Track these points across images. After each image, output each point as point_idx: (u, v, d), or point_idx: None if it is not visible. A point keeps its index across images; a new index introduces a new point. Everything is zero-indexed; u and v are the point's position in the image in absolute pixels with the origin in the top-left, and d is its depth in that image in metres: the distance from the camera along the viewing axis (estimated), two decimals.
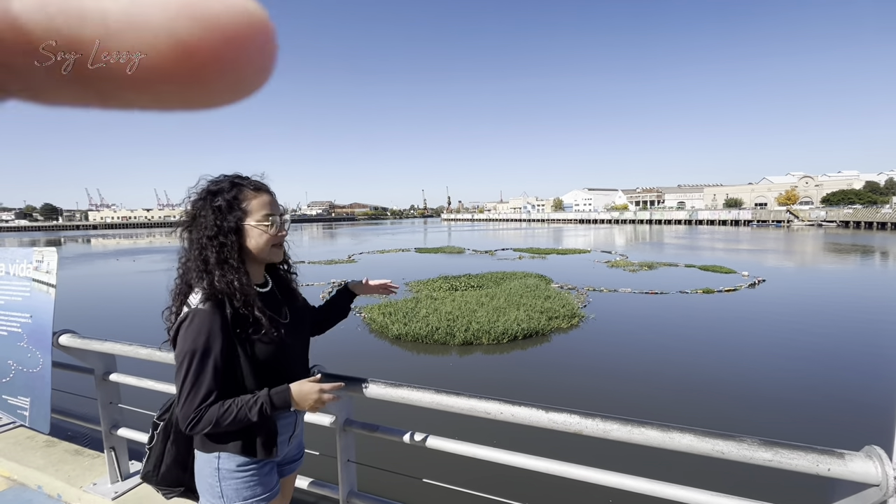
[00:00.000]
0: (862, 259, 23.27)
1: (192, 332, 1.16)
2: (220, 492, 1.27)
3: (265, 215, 1.25)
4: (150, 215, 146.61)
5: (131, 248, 40.05)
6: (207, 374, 1.16)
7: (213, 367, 1.16)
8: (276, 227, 1.28)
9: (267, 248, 1.28)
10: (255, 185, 1.28)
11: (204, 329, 1.16)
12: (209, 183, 1.26)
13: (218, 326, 1.17)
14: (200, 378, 1.15)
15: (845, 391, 6.43)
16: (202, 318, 1.16)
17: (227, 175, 1.28)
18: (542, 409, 1.35)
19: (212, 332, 1.16)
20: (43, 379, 2.37)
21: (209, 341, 1.16)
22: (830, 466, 1.06)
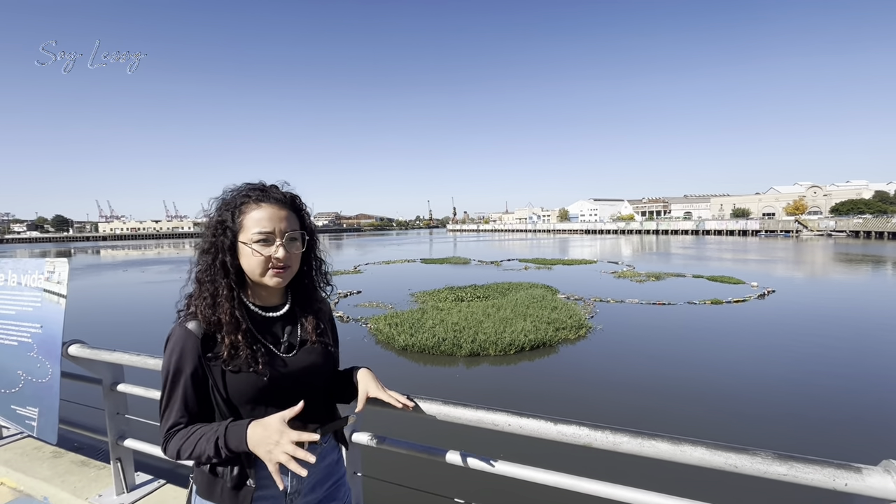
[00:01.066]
0: (874, 269, 22.95)
1: (168, 349, 1.09)
2: None
3: (259, 232, 1.10)
4: (158, 226, 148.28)
5: (140, 259, 40.43)
6: (176, 398, 1.08)
7: (183, 390, 1.07)
8: (274, 248, 1.11)
9: (259, 270, 1.12)
10: (258, 195, 1.14)
11: (177, 349, 1.08)
12: (226, 192, 1.18)
13: (190, 347, 1.08)
14: (171, 401, 1.08)
15: (860, 404, 6.29)
16: (176, 336, 1.09)
17: (249, 183, 1.18)
18: (551, 421, 1.33)
19: (183, 353, 1.07)
20: (51, 389, 2.38)
21: (180, 363, 1.07)
22: (847, 481, 1.03)
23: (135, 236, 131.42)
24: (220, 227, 1.12)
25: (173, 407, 1.08)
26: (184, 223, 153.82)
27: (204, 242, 1.14)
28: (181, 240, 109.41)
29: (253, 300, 1.18)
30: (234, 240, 1.12)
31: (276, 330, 1.19)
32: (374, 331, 10.17)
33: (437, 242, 63.27)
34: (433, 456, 1.60)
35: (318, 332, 1.24)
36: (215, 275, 1.11)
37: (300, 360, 1.19)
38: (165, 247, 66.72)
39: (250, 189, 1.16)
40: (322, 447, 1.25)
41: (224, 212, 1.14)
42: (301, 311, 1.25)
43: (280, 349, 1.17)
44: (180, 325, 1.10)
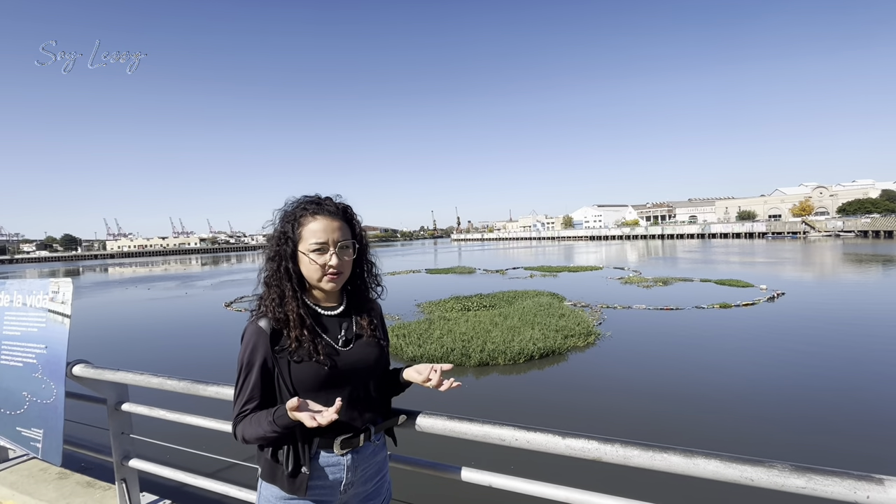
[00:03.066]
0: (885, 269, 22.64)
1: (243, 344, 1.24)
2: None
3: (315, 242, 1.25)
4: (165, 243, 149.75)
5: (147, 275, 40.72)
6: (247, 387, 1.22)
7: (253, 381, 1.21)
8: (329, 256, 1.26)
9: (317, 276, 1.27)
10: (314, 208, 1.29)
11: (249, 343, 1.23)
12: (287, 205, 1.33)
13: (260, 341, 1.22)
14: (242, 389, 1.23)
15: (878, 409, 6.15)
16: (249, 332, 1.24)
17: (305, 197, 1.33)
18: (559, 435, 1.30)
19: (255, 347, 1.22)
20: (56, 410, 2.37)
21: (252, 355, 1.22)
22: (869, 494, 0.99)
23: (142, 253, 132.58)
24: (283, 237, 1.27)
25: (244, 395, 1.22)
26: (190, 239, 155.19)
27: (269, 251, 1.30)
28: (187, 256, 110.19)
29: (314, 301, 1.34)
30: (294, 249, 1.27)
31: (335, 326, 1.33)
32: None
33: (442, 252, 63.29)
34: (439, 472, 1.57)
35: (371, 328, 1.39)
36: (281, 279, 1.26)
37: (356, 353, 1.33)
38: (172, 263, 67.23)
39: (307, 202, 1.31)
40: (375, 444, 1.38)
41: (286, 223, 1.29)
42: (355, 310, 1.40)
43: (338, 343, 1.31)
44: (252, 322, 1.26)
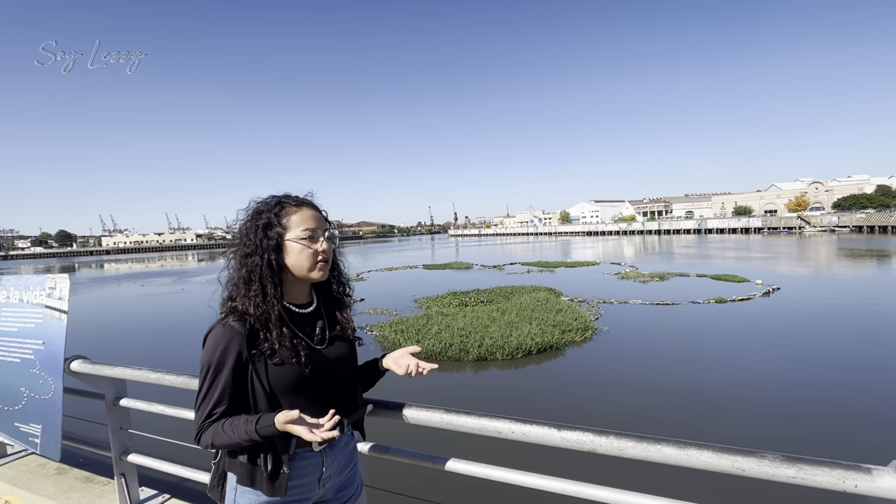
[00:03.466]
0: (879, 264, 22.81)
1: (209, 344, 1.18)
2: None
3: (305, 230, 1.24)
4: (161, 239, 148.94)
5: (143, 272, 40.57)
6: (216, 390, 1.16)
7: (223, 384, 1.16)
8: (320, 243, 1.26)
9: (308, 264, 1.26)
10: (297, 200, 1.29)
11: (220, 343, 1.16)
12: (257, 203, 1.29)
13: (233, 342, 1.16)
14: (210, 392, 1.16)
15: (870, 401, 6.22)
16: (218, 332, 1.18)
17: (275, 195, 1.30)
18: (555, 427, 1.32)
19: (227, 348, 1.16)
20: (54, 406, 2.38)
21: (223, 356, 1.16)
22: (857, 483, 1.01)
23: (138, 249, 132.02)
24: (266, 229, 1.22)
25: (211, 398, 1.16)
26: (186, 235, 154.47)
27: (246, 247, 1.23)
28: (184, 252, 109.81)
29: (287, 299, 1.29)
30: (279, 240, 1.23)
31: (309, 325, 1.30)
32: (380, 338, 10.14)
33: (439, 248, 63.29)
34: (437, 465, 1.58)
35: (347, 325, 1.40)
36: (263, 274, 1.21)
37: (333, 351, 1.31)
38: (169, 259, 66.96)
39: (285, 196, 1.29)
40: (346, 435, 1.38)
41: (267, 215, 1.24)
42: (327, 308, 1.38)
43: (314, 342, 1.28)
44: (222, 322, 1.20)
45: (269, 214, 1.24)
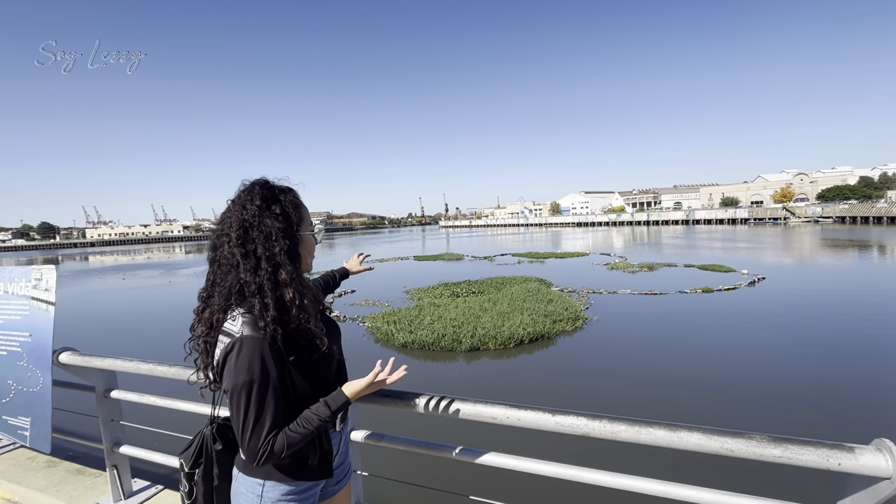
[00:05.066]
0: (860, 253, 23.34)
1: (244, 361, 1.05)
2: None
3: (313, 224, 1.25)
4: (147, 231, 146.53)
5: (129, 264, 39.93)
6: (269, 405, 1.07)
7: (274, 396, 1.08)
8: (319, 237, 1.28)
9: (311, 258, 1.26)
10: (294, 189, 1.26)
11: (257, 357, 1.06)
12: (261, 188, 1.17)
13: (271, 352, 1.08)
14: (263, 410, 1.06)
15: (851, 386, 6.41)
16: (252, 345, 1.06)
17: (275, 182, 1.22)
18: (549, 413, 1.34)
19: (266, 360, 1.07)
20: (43, 398, 2.35)
21: (265, 370, 1.06)
22: (840, 461, 1.05)
23: (123, 241, 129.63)
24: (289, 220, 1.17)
25: (265, 415, 1.07)
26: (173, 227, 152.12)
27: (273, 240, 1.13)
28: (171, 244, 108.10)
29: None
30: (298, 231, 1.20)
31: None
32: (373, 329, 10.14)
33: (430, 239, 63.21)
34: (432, 451, 1.60)
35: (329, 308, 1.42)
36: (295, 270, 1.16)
37: (335, 335, 1.32)
38: (155, 251, 65.94)
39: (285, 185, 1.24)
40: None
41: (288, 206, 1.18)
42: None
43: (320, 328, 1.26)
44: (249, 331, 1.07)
45: (286, 203, 1.18)
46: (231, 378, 1.06)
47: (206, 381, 1.22)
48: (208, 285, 1.17)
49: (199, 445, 1.28)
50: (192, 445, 1.29)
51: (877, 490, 1.04)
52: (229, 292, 1.12)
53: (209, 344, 1.15)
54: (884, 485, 1.02)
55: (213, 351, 1.15)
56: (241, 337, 1.07)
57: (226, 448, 1.28)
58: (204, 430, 1.30)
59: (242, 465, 1.21)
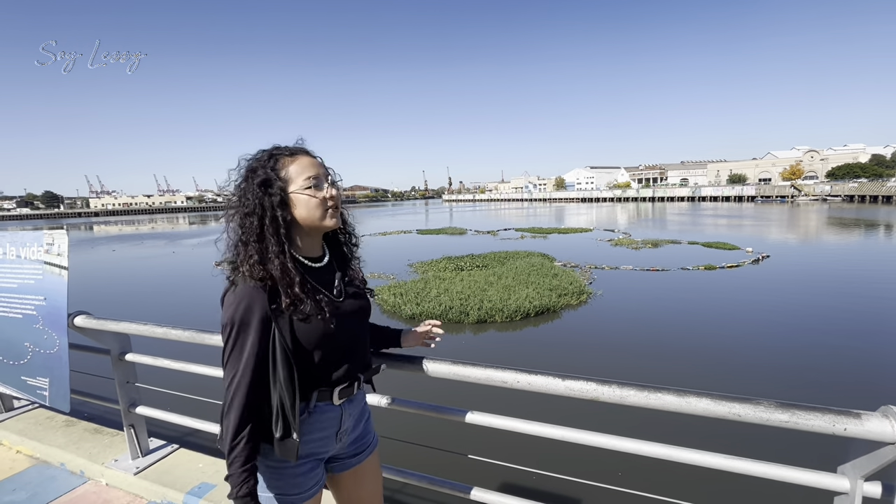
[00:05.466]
0: (866, 233, 23.15)
1: (229, 302, 1.11)
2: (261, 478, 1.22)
3: (307, 178, 1.17)
4: (150, 201, 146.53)
5: (134, 234, 40.12)
6: (244, 347, 1.10)
7: (251, 341, 1.10)
8: (325, 189, 1.21)
9: (319, 213, 1.20)
10: (290, 150, 1.22)
11: (243, 301, 1.10)
12: (248, 161, 1.21)
13: (256, 299, 1.10)
14: (236, 350, 1.11)
15: (854, 357, 6.50)
16: (239, 290, 1.11)
17: (264, 149, 1.22)
18: (559, 377, 1.37)
19: (249, 305, 1.10)
20: (60, 359, 2.41)
21: (246, 313, 1.10)
22: (847, 426, 1.07)
23: (127, 211, 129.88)
24: (265, 186, 1.15)
25: (241, 357, 1.10)
26: (176, 197, 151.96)
27: (245, 207, 1.16)
28: (174, 214, 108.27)
29: (300, 253, 1.24)
30: (283, 195, 1.16)
31: (326, 278, 1.27)
32: (379, 301, 10.24)
33: (433, 213, 62.98)
34: (443, 415, 1.64)
35: (360, 277, 1.39)
36: (264, 233, 1.14)
37: (351, 304, 1.29)
38: (159, 222, 66.13)
39: (276, 148, 1.22)
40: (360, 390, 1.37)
41: (260, 171, 1.16)
42: (339, 260, 1.35)
43: (334, 295, 1.25)
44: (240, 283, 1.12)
45: (264, 170, 1.16)
46: (223, 314, 1.13)
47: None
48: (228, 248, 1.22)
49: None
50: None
51: (880, 455, 1.07)
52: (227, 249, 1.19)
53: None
54: (888, 449, 1.04)
55: None
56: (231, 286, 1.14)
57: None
58: None
59: None
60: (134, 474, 2.42)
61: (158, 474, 2.43)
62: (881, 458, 1.07)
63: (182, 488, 2.28)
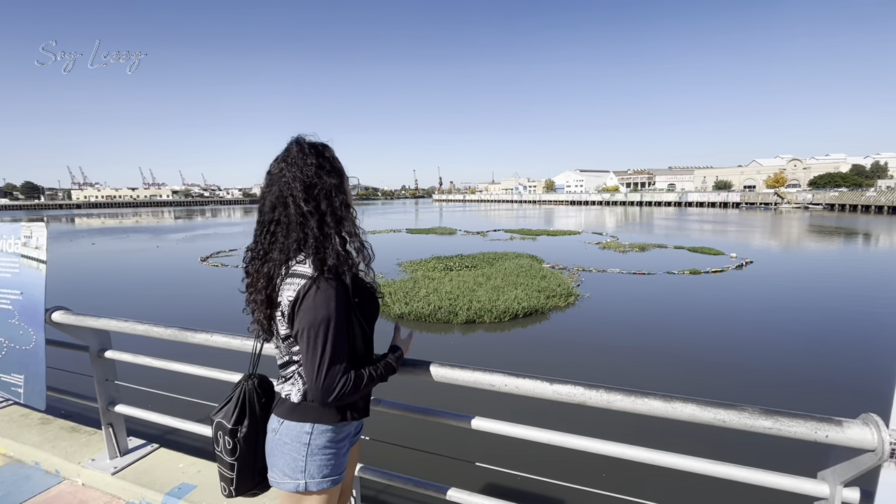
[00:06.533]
0: (846, 241, 23.72)
1: (321, 300, 1.12)
2: (303, 466, 1.22)
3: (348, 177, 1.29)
4: (135, 194, 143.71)
5: (118, 227, 39.31)
6: (343, 343, 1.15)
7: (347, 335, 1.17)
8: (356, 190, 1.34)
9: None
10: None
11: (332, 297, 1.13)
12: (311, 147, 1.23)
13: (343, 294, 1.16)
14: (338, 346, 1.14)
15: (835, 365, 6.64)
16: (328, 285, 1.13)
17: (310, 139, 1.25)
18: (547, 381, 1.37)
19: (339, 300, 1.14)
20: (37, 356, 2.34)
21: (339, 309, 1.14)
22: (828, 433, 1.09)
23: (111, 204, 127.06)
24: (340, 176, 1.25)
25: (340, 352, 1.15)
26: (161, 191, 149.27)
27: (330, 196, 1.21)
28: (159, 208, 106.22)
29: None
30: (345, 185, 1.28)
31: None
32: None
33: (423, 212, 62.88)
34: (429, 417, 1.63)
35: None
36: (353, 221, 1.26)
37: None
38: (144, 215, 64.85)
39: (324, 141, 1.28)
40: None
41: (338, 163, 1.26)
42: None
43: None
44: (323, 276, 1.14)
45: (334, 160, 1.25)
46: (309, 314, 1.12)
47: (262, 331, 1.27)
48: (266, 244, 1.22)
49: (241, 400, 1.31)
50: (232, 402, 1.31)
51: (860, 461, 1.08)
52: (297, 247, 1.18)
53: (271, 296, 1.21)
54: (867, 456, 1.06)
55: (277, 299, 1.20)
56: (316, 276, 1.14)
57: (267, 401, 1.34)
58: (244, 385, 1.33)
59: (288, 412, 1.24)
60: (112, 474, 2.36)
61: (137, 474, 2.38)
62: (861, 465, 1.09)
63: (161, 489, 2.23)
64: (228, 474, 1.30)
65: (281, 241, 1.19)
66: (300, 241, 1.18)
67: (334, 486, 1.27)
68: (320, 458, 1.23)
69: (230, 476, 1.30)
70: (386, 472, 1.74)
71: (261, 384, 1.35)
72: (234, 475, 1.30)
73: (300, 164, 1.19)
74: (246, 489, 1.33)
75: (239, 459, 1.29)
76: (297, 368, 1.24)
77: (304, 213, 1.17)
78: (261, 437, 1.31)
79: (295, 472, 1.22)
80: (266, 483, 1.33)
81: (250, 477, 1.32)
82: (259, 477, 1.33)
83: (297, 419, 1.23)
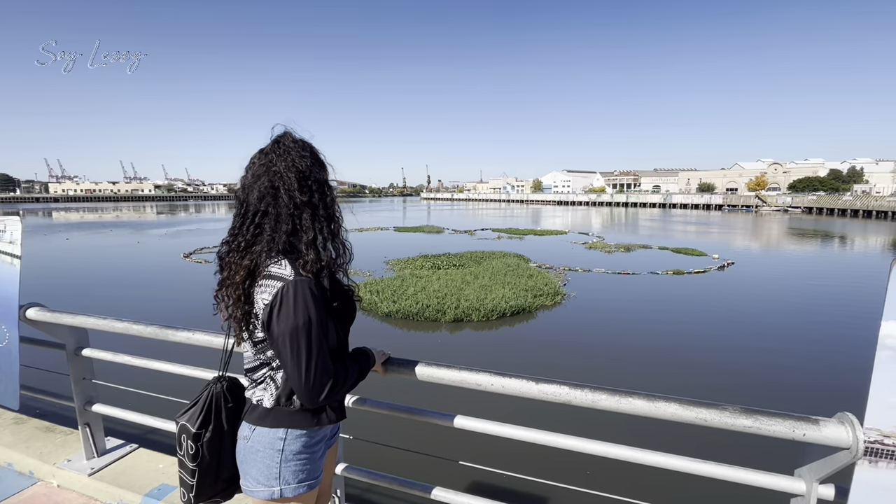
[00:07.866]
0: (823, 244, 24.37)
1: (301, 303, 1.07)
2: (277, 473, 1.18)
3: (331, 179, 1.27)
4: (116, 188, 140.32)
5: (98, 221, 38.37)
6: (325, 344, 1.12)
7: (327, 337, 1.15)
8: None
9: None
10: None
11: (311, 300, 1.09)
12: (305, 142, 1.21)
13: (322, 296, 1.13)
14: (322, 349, 1.11)
15: (814, 363, 6.82)
16: (306, 287, 1.09)
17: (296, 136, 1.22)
18: (533, 381, 1.37)
19: (318, 302, 1.10)
20: (10, 354, 2.26)
21: (319, 311, 1.10)
22: (806, 432, 1.12)
23: (90, 198, 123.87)
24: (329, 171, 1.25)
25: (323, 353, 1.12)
26: (144, 186, 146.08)
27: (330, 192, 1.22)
28: (141, 203, 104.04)
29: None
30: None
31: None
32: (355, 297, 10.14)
33: (411, 210, 62.75)
34: (415, 416, 1.62)
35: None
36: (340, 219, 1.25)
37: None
38: (125, 210, 63.42)
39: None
40: None
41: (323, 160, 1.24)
42: None
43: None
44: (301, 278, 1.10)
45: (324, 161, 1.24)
46: (289, 319, 1.07)
47: (239, 332, 1.19)
48: (248, 235, 1.15)
49: (208, 404, 1.25)
50: (199, 405, 1.26)
51: (835, 459, 1.11)
52: (283, 239, 1.13)
53: (249, 291, 1.14)
54: (842, 454, 1.09)
55: (252, 299, 1.14)
56: (295, 279, 1.09)
57: (236, 406, 1.28)
58: (212, 388, 1.28)
59: (260, 418, 1.18)
60: (88, 475, 2.30)
61: (115, 475, 2.32)
62: (836, 462, 1.11)
63: (140, 490, 2.19)
64: (189, 480, 1.24)
65: (268, 233, 1.13)
66: (289, 233, 1.14)
67: (311, 490, 1.23)
68: (295, 463, 1.19)
69: (190, 482, 1.24)
70: (371, 472, 1.73)
71: (231, 388, 1.30)
72: (195, 482, 1.23)
73: (294, 156, 1.16)
74: (206, 497, 1.27)
75: (200, 465, 1.23)
76: (268, 372, 1.19)
77: (297, 205, 1.14)
78: (226, 444, 1.25)
79: (269, 480, 1.17)
80: (230, 492, 1.29)
81: (212, 484, 1.26)
82: (223, 484, 1.27)
83: (270, 425, 1.18)
